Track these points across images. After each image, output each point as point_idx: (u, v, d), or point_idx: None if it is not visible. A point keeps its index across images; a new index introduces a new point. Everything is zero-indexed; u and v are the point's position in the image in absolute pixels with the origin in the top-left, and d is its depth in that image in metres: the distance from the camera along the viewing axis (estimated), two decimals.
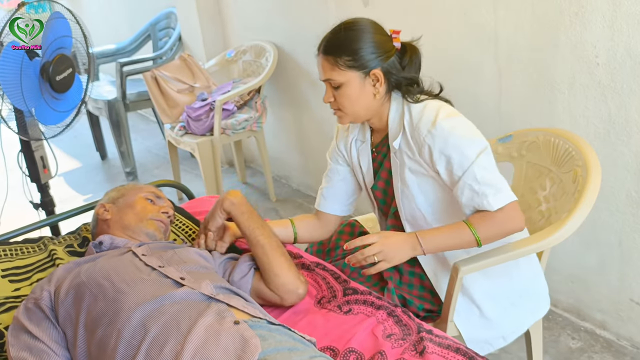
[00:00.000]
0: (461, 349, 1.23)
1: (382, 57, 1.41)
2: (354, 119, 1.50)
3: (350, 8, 2.63)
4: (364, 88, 1.43)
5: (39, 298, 1.27)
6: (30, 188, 2.28)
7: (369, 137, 1.58)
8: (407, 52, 1.45)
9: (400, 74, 1.44)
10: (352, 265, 1.41)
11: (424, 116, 1.41)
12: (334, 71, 1.43)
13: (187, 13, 3.67)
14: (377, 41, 1.41)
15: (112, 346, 1.11)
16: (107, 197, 1.62)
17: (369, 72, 1.41)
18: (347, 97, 1.44)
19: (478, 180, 1.35)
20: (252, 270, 1.46)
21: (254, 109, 3.24)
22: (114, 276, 1.25)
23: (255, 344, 1.06)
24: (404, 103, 1.47)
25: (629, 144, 1.82)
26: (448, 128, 1.37)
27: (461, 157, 1.36)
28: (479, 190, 1.35)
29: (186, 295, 1.20)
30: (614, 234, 1.95)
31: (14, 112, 2.00)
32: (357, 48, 1.40)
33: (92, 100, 3.77)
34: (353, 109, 1.46)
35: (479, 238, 1.37)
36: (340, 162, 1.65)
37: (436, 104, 1.43)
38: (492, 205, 1.35)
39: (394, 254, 1.37)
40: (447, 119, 1.38)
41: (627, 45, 1.72)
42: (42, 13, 2.01)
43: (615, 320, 2.06)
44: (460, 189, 1.37)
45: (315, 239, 1.72)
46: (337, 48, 1.42)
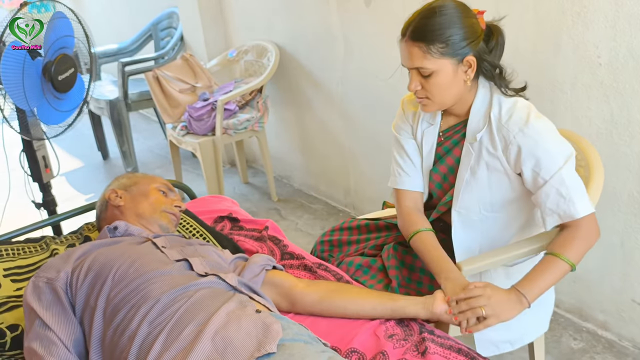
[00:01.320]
0: (463, 350, 1.23)
1: (473, 42, 1.34)
2: (440, 107, 1.44)
3: (352, 8, 2.63)
4: (456, 75, 1.37)
5: (54, 279, 1.25)
6: (32, 187, 2.28)
7: (438, 121, 1.52)
8: (494, 33, 1.39)
9: (489, 58, 1.38)
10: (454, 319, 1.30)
11: (515, 113, 1.36)
12: (426, 59, 1.34)
13: (189, 13, 3.67)
14: (467, 25, 1.34)
15: (134, 328, 1.11)
16: (119, 182, 1.61)
17: (463, 59, 1.35)
18: (438, 85, 1.37)
19: (567, 186, 1.32)
20: (263, 272, 1.44)
21: (256, 108, 3.24)
22: (140, 265, 1.24)
23: (277, 329, 1.07)
24: (492, 93, 1.42)
25: (631, 145, 1.82)
26: (540, 130, 1.34)
27: (550, 161, 1.33)
28: (567, 196, 1.32)
29: (211, 283, 1.22)
30: (616, 234, 1.95)
31: (16, 111, 2.00)
32: (450, 34, 1.32)
33: (94, 100, 3.77)
34: (442, 97, 1.40)
35: (573, 263, 1.33)
36: (409, 135, 1.58)
37: (527, 103, 1.40)
38: (579, 212, 1.33)
39: (502, 308, 1.29)
40: (539, 120, 1.35)
41: (630, 45, 1.72)
42: (44, 13, 2.01)
43: (617, 320, 2.06)
44: (546, 193, 1.34)
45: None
46: (428, 34, 1.33)
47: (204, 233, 1.76)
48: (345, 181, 3.12)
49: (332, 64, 2.90)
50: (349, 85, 2.85)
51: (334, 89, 2.95)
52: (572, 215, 1.34)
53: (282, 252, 1.69)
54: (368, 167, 2.91)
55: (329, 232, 1.80)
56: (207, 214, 1.95)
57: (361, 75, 2.75)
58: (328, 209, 3.23)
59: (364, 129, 2.85)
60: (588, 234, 1.35)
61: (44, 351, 1.16)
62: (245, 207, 3.01)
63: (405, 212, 1.56)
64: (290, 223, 3.12)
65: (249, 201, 3.43)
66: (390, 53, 2.54)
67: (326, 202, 3.31)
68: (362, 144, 2.91)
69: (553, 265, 1.33)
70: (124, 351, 1.10)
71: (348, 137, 2.99)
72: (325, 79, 3.00)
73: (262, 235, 1.78)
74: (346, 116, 2.95)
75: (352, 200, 3.11)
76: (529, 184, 1.38)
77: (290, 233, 2.99)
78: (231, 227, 1.88)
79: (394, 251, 1.59)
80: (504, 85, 1.41)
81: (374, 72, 2.66)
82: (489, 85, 1.43)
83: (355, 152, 2.97)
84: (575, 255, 1.34)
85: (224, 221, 1.91)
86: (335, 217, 3.13)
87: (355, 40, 2.70)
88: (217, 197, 2.19)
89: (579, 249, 1.34)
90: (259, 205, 3.37)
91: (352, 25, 2.69)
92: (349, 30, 2.72)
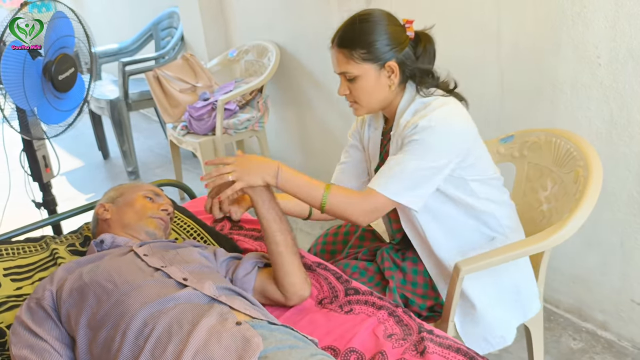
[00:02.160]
0: (462, 349, 1.24)
1: (396, 49, 1.40)
2: (369, 111, 1.50)
3: (353, 7, 2.63)
4: (379, 80, 1.43)
5: (41, 298, 1.27)
6: (32, 187, 2.28)
7: (381, 124, 1.58)
8: (421, 41, 1.44)
9: (414, 64, 1.43)
10: (205, 187, 1.37)
11: (419, 113, 1.40)
12: (349, 64, 1.41)
13: (189, 12, 3.67)
14: (391, 32, 1.40)
15: (117, 347, 1.11)
16: (107, 196, 1.63)
17: (384, 64, 1.41)
18: (362, 89, 1.44)
19: (391, 165, 1.37)
20: (255, 269, 1.46)
21: (256, 108, 3.24)
22: (117, 278, 1.25)
23: (257, 343, 1.06)
24: (416, 95, 1.46)
25: (630, 145, 1.82)
26: (428, 126, 1.35)
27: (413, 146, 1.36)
28: (383, 171, 1.38)
29: (189, 296, 1.20)
30: (616, 234, 1.95)
31: (17, 111, 2.00)
32: (372, 40, 1.39)
33: (95, 99, 3.77)
34: (369, 101, 1.46)
35: (325, 202, 1.37)
36: (358, 140, 1.67)
37: (442, 102, 1.40)
38: (372, 184, 1.37)
39: (248, 173, 1.34)
40: (440, 119, 1.36)
41: (629, 45, 1.72)
42: (45, 12, 2.01)
43: (616, 320, 2.06)
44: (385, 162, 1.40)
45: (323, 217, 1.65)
46: (351, 41, 1.41)
47: (202, 233, 1.77)
48: None
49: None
50: None
51: (335, 89, 2.95)
52: (373, 185, 1.37)
53: None
54: None
55: (323, 235, 1.83)
56: (206, 213, 1.95)
57: None
58: None
59: None
60: (356, 204, 1.38)
61: (36, 357, 1.18)
62: None
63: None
64: (291, 223, 3.11)
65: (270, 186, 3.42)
66: None
67: None
68: None
69: (316, 189, 1.38)
70: None
71: None
72: (326, 79, 3.00)
73: (261, 235, 1.78)
74: (346, 116, 2.95)
75: None
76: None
77: None
78: (231, 226, 1.88)
79: (386, 254, 1.60)
80: (423, 85, 1.44)
81: None
82: (414, 89, 1.46)
83: None
84: (334, 202, 1.37)
85: (223, 221, 1.91)
86: None
87: None
88: None
89: (340, 202, 1.37)
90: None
91: None
92: None
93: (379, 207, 1.39)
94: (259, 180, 1.35)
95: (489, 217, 1.52)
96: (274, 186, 1.38)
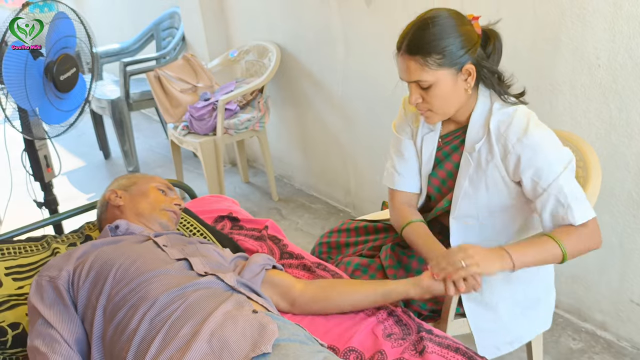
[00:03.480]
0: (461, 349, 1.24)
1: (471, 50, 1.33)
2: (444, 117, 1.44)
3: (353, 8, 2.64)
4: (456, 85, 1.36)
5: (56, 277, 1.27)
6: (33, 187, 2.29)
7: (439, 127, 1.52)
8: (490, 38, 1.38)
9: (488, 64, 1.37)
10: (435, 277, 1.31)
11: (514, 122, 1.35)
12: (424, 72, 1.33)
13: (190, 13, 3.68)
14: (463, 33, 1.33)
15: (133, 328, 1.12)
16: (118, 183, 1.63)
17: (462, 68, 1.34)
18: (438, 96, 1.36)
19: (565, 194, 1.32)
20: (263, 271, 1.45)
21: (257, 108, 3.25)
22: (141, 264, 1.25)
23: (273, 330, 1.08)
24: (492, 101, 1.41)
25: (629, 146, 1.82)
26: (538, 139, 1.33)
27: (549, 170, 1.33)
28: (565, 203, 1.32)
29: (209, 282, 1.22)
30: (615, 235, 1.96)
31: (18, 111, 2.01)
32: (445, 45, 1.31)
33: (96, 99, 3.78)
34: (444, 108, 1.40)
35: (566, 252, 1.32)
36: (409, 137, 1.58)
37: (526, 111, 1.38)
38: (576, 219, 1.33)
39: (482, 258, 1.28)
40: (537, 128, 1.35)
41: (628, 46, 1.73)
42: (47, 12, 2.02)
43: (615, 321, 2.06)
44: (544, 200, 1.34)
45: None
46: (424, 47, 1.32)
47: (204, 232, 1.77)
48: (345, 181, 3.12)
49: (333, 64, 2.91)
50: (350, 86, 2.86)
51: (335, 89, 2.96)
52: (570, 223, 1.34)
53: (282, 251, 1.70)
54: (368, 167, 2.92)
55: (327, 234, 1.82)
56: (207, 213, 1.96)
57: (362, 76, 2.76)
58: (328, 209, 3.24)
59: (365, 129, 2.86)
60: (587, 237, 1.35)
61: (47, 349, 1.17)
62: (246, 206, 3.02)
63: (397, 208, 1.58)
64: (291, 223, 3.13)
65: (250, 201, 3.44)
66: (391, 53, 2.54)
67: (326, 202, 3.31)
68: (362, 144, 2.92)
69: (547, 245, 1.32)
70: (124, 350, 1.11)
71: (348, 137, 2.99)
72: (326, 79, 3.01)
73: (262, 235, 1.79)
74: (347, 116, 2.96)
75: (352, 200, 3.12)
76: (528, 192, 1.38)
77: (291, 233, 3.00)
78: (231, 226, 1.89)
79: (391, 251, 1.60)
80: (503, 91, 1.40)
81: (374, 72, 2.67)
82: (489, 92, 1.43)
83: (355, 152, 2.98)
84: (571, 247, 1.33)
85: (224, 220, 1.92)
86: (335, 216, 3.13)
87: (356, 41, 2.71)
88: (217, 196, 2.20)
89: (576, 244, 1.33)
90: (259, 205, 3.38)
91: (352, 25, 2.69)
92: (350, 30, 2.72)
93: (597, 229, 1.36)
94: (495, 267, 1.29)
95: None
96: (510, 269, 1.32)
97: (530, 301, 1.55)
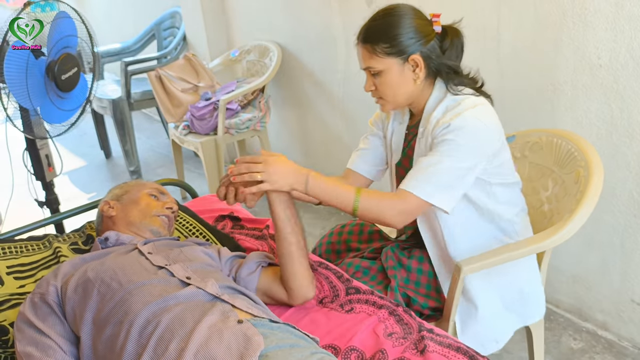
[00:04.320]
0: (462, 348, 1.24)
1: (421, 42, 1.38)
2: (395, 106, 1.49)
3: (354, 8, 2.64)
4: (403, 74, 1.41)
5: (45, 293, 1.28)
6: (35, 186, 2.29)
7: (407, 119, 1.57)
8: (448, 35, 1.42)
9: (440, 59, 1.41)
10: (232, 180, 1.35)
11: (451, 112, 1.37)
12: (372, 59, 1.40)
13: (191, 13, 3.68)
14: (416, 25, 1.38)
15: (121, 344, 1.12)
16: (111, 194, 1.64)
17: (408, 57, 1.39)
18: (387, 84, 1.42)
19: (423, 167, 1.35)
20: (259, 268, 1.46)
21: (258, 108, 3.25)
22: (122, 277, 1.26)
23: (258, 342, 1.07)
24: (446, 92, 1.44)
25: (631, 146, 1.82)
26: (461, 124, 1.34)
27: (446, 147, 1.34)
28: (413, 172, 1.36)
29: (191, 294, 1.21)
30: (616, 235, 1.96)
31: (20, 110, 2.01)
32: (395, 34, 1.37)
33: (97, 99, 3.78)
34: (394, 96, 1.45)
35: (357, 208, 1.35)
36: (380, 130, 1.66)
37: (474, 102, 1.39)
38: (405, 185, 1.35)
39: (278, 178, 1.32)
40: (474, 117, 1.35)
41: (629, 46, 1.73)
42: (49, 12, 2.02)
43: (616, 321, 2.06)
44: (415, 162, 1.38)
45: None
46: (375, 35, 1.39)
47: (204, 232, 1.78)
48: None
49: (334, 65, 2.91)
50: (351, 86, 2.86)
51: (336, 89, 2.96)
52: (405, 186, 1.35)
53: None
54: None
55: (328, 235, 1.82)
56: (208, 212, 1.97)
57: (362, 76, 2.75)
58: (329, 209, 3.23)
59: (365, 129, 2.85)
60: (391, 206, 1.35)
61: (40, 354, 1.18)
62: None
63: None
64: None
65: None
66: None
67: None
68: None
69: (347, 195, 1.35)
70: None
71: (349, 137, 2.99)
72: (327, 80, 3.01)
73: (263, 234, 1.79)
74: (347, 116, 2.96)
75: None
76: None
77: None
78: (232, 226, 1.89)
79: (391, 252, 1.61)
80: (451, 83, 1.43)
81: None
82: (445, 85, 1.45)
83: None
84: (365, 206, 1.34)
85: (225, 220, 1.92)
86: (336, 217, 3.13)
87: None
88: None
89: (372, 206, 1.35)
90: (260, 205, 3.36)
91: (353, 25, 2.68)
92: (351, 30, 2.72)
93: (412, 209, 1.36)
94: (287, 187, 1.34)
95: (506, 223, 1.51)
96: (303, 193, 1.36)
97: (513, 294, 1.55)
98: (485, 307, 1.51)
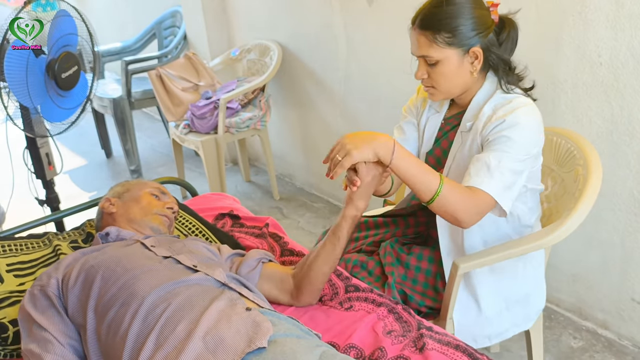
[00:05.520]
0: (461, 346, 1.24)
1: (482, 34, 1.35)
2: (446, 96, 1.45)
3: (354, 7, 2.64)
4: (461, 66, 1.37)
5: (45, 285, 1.28)
6: (35, 184, 2.29)
7: (444, 109, 1.54)
8: (506, 26, 1.39)
9: (498, 51, 1.38)
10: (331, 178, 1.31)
11: (503, 109, 1.35)
12: (432, 48, 1.35)
13: (192, 12, 3.69)
14: (477, 16, 1.34)
15: (126, 327, 1.13)
16: (113, 191, 1.64)
17: (469, 49, 1.35)
18: (443, 74, 1.38)
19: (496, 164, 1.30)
20: (260, 266, 1.46)
21: (258, 107, 3.25)
22: (126, 263, 1.26)
23: (267, 327, 1.08)
24: (497, 87, 1.41)
25: (631, 144, 1.82)
26: (519, 120, 1.31)
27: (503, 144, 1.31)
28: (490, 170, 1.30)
29: (200, 279, 1.23)
30: (616, 233, 1.96)
31: (20, 109, 2.02)
32: (457, 24, 1.33)
33: (98, 98, 3.79)
34: (448, 87, 1.41)
35: (438, 194, 1.26)
36: (413, 117, 1.61)
37: (527, 101, 1.37)
38: (478, 183, 1.29)
39: (356, 144, 1.24)
40: (527, 115, 1.33)
41: (630, 45, 1.73)
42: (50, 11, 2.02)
43: (616, 319, 2.06)
44: (478, 158, 1.33)
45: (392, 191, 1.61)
46: (435, 23, 1.34)
47: (203, 230, 1.78)
48: None
49: (335, 63, 2.91)
50: (351, 85, 2.86)
51: (336, 88, 2.96)
52: (478, 183, 1.30)
53: (283, 248, 1.70)
54: None
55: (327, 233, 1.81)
56: (208, 211, 1.97)
57: (363, 75, 2.76)
58: (330, 208, 3.24)
59: (366, 128, 2.86)
60: (474, 202, 1.29)
61: (40, 350, 1.19)
62: (247, 205, 3.02)
63: None
64: (292, 221, 3.13)
65: (251, 199, 3.45)
66: (393, 52, 2.55)
67: (328, 201, 3.31)
68: None
69: (432, 178, 1.27)
70: (119, 349, 1.11)
71: None
72: (328, 78, 3.01)
73: (262, 232, 1.79)
74: (348, 115, 2.96)
75: None
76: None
77: (292, 231, 3.00)
78: (232, 224, 1.89)
79: (390, 248, 1.60)
80: (506, 80, 1.41)
81: (376, 71, 2.67)
82: (497, 79, 1.43)
83: None
84: (447, 195, 1.27)
85: (224, 218, 1.92)
86: (336, 215, 3.12)
87: (358, 40, 2.71)
88: (218, 194, 2.21)
89: (452, 196, 1.28)
90: (261, 204, 3.39)
91: (354, 24, 2.70)
92: (351, 29, 2.72)
93: (485, 209, 1.31)
94: (370, 153, 1.25)
95: (524, 228, 1.51)
96: (386, 163, 1.27)
97: (518, 296, 1.55)
98: (488, 302, 1.51)
